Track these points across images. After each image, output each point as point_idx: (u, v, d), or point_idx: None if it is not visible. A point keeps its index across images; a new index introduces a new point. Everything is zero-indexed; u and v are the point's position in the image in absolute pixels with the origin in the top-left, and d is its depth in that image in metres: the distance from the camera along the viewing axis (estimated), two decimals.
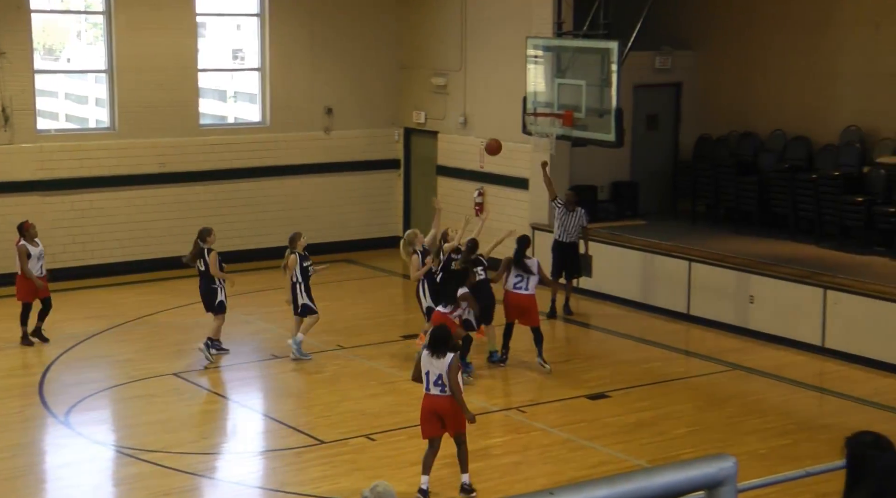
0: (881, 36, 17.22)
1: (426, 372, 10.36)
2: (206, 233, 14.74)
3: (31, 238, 15.00)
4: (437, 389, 10.34)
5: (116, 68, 18.96)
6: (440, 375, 10.29)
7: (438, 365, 10.27)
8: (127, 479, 11.24)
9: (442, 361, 10.25)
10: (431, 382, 10.35)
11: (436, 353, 10.27)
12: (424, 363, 10.38)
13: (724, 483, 3.48)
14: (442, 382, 10.29)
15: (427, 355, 10.34)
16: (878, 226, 16.34)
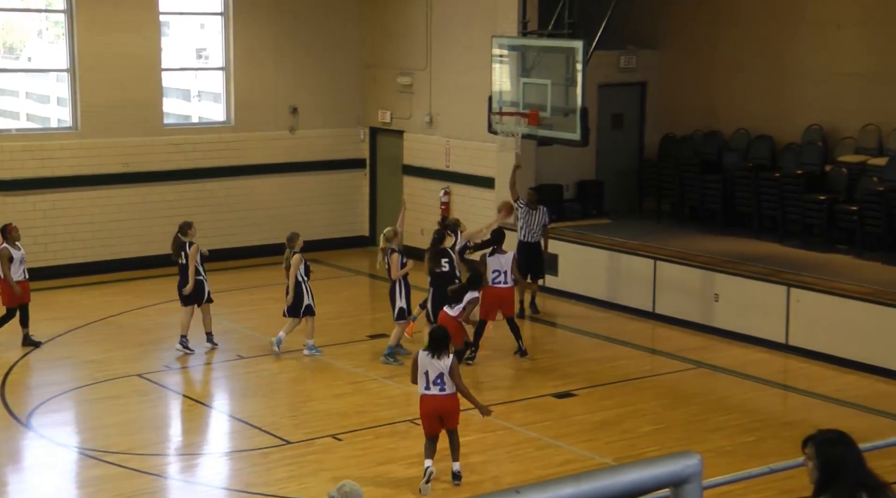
0: (842, 36, 17.36)
1: (425, 372, 10.50)
2: (186, 227, 14.86)
3: (14, 241, 14.82)
4: (436, 388, 10.51)
5: (78, 67, 18.82)
6: (440, 375, 10.47)
7: (439, 365, 10.46)
8: (91, 481, 11.16)
9: (443, 362, 10.46)
10: (431, 382, 10.50)
11: (436, 353, 10.45)
12: (423, 363, 10.51)
13: (689, 480, 3.49)
14: (442, 381, 10.48)
15: (426, 356, 10.50)
16: (839, 224, 16.48)
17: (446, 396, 10.54)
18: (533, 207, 16.45)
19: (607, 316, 16.86)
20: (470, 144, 19.39)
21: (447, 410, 10.58)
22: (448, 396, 10.56)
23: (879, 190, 15.76)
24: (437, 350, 10.48)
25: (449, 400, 10.58)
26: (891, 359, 13.97)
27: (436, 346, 10.51)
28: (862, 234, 16.09)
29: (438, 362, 10.48)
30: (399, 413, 12.70)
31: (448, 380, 10.52)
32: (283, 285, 14.95)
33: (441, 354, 10.47)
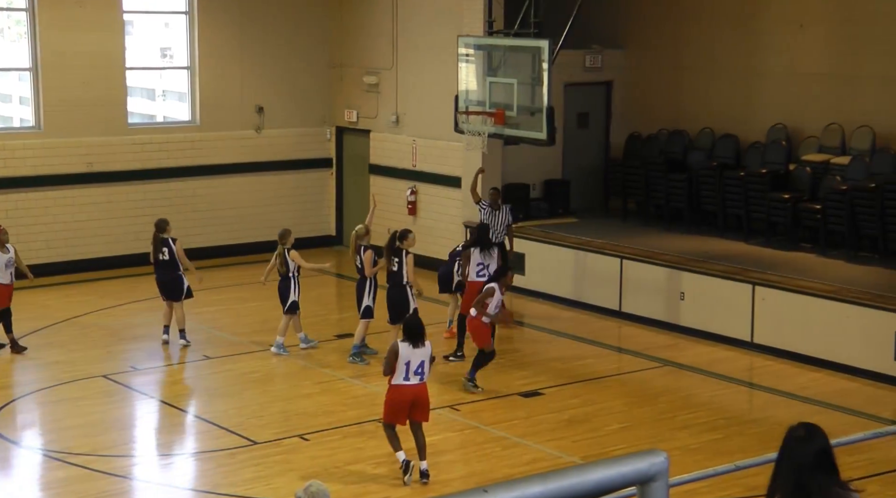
0: (805, 36, 17.48)
1: (406, 362, 10.62)
2: (164, 223, 15.17)
3: (2, 244, 14.66)
4: (416, 377, 10.67)
5: (41, 66, 18.67)
6: (422, 363, 10.65)
7: (420, 353, 10.63)
8: (55, 483, 11.07)
9: (423, 349, 10.66)
10: (412, 372, 10.63)
11: (416, 342, 10.63)
12: (404, 355, 10.62)
13: (655, 478, 3.50)
14: (422, 371, 10.67)
15: (407, 347, 10.63)
16: (804, 222, 16.60)
17: (422, 384, 10.74)
18: (496, 207, 16.35)
19: (574, 315, 16.90)
20: (436, 144, 19.39)
21: (422, 398, 10.74)
22: (423, 385, 10.76)
23: (842, 189, 15.89)
24: (416, 339, 10.65)
25: (424, 389, 10.78)
26: (854, 356, 14.09)
27: (415, 335, 10.66)
28: (826, 233, 16.21)
29: (420, 351, 10.65)
30: (366, 413, 12.67)
31: (427, 368, 10.73)
32: (249, 285, 14.90)
33: (420, 342, 10.66)
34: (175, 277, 15.00)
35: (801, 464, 4.77)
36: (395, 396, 10.74)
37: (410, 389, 10.69)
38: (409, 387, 10.69)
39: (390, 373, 10.73)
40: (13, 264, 14.77)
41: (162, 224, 15.13)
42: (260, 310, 16.61)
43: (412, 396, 10.69)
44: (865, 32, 16.79)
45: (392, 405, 10.78)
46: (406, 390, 10.68)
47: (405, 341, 10.68)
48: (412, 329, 10.76)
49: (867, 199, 15.58)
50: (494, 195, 16.50)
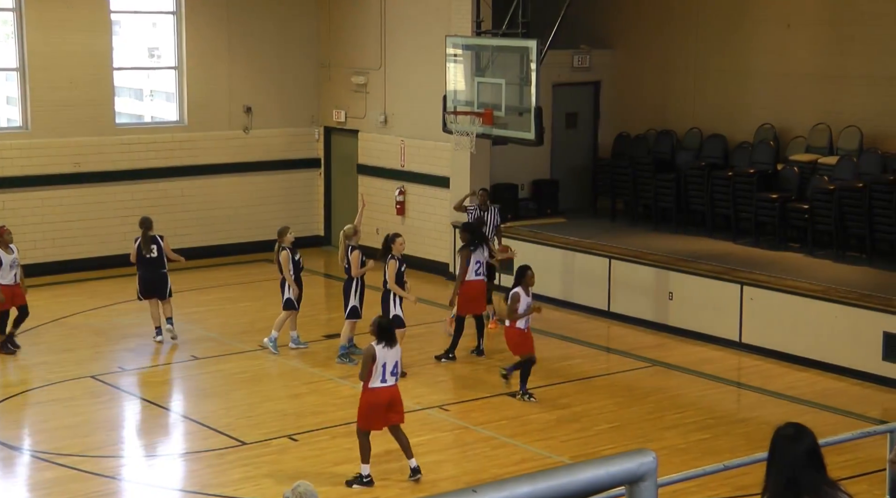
0: (792, 35, 17.53)
1: (383, 364, 10.58)
2: (150, 222, 15.31)
3: (6, 244, 14.61)
4: (392, 378, 10.66)
5: (28, 66, 18.62)
6: (396, 363, 10.65)
7: (394, 353, 10.61)
8: (43, 484, 11.04)
9: (396, 349, 10.64)
10: (388, 373, 10.61)
11: (389, 342, 10.59)
12: (381, 357, 10.57)
13: (644, 478, 3.51)
14: (397, 371, 10.66)
15: (382, 348, 10.57)
16: (791, 222, 16.64)
17: (396, 385, 10.74)
18: (484, 209, 16.28)
19: (562, 315, 16.91)
20: (425, 144, 19.39)
21: (397, 399, 10.74)
22: (397, 386, 10.76)
23: (830, 189, 15.93)
24: (389, 339, 10.61)
25: (398, 389, 10.79)
26: (842, 356, 14.13)
27: (387, 335, 10.62)
28: (813, 233, 16.25)
29: (394, 351, 10.64)
30: (355, 413, 12.62)
31: (400, 368, 10.74)
32: (238, 285, 14.88)
33: (393, 342, 10.64)
34: (162, 275, 15.10)
35: (791, 463, 4.79)
36: (372, 399, 10.66)
37: (388, 391, 10.66)
38: (387, 389, 10.65)
39: (367, 377, 10.65)
40: (17, 265, 14.69)
41: (148, 222, 15.22)
42: (248, 310, 16.60)
43: (389, 397, 10.67)
44: (853, 33, 16.84)
45: (369, 409, 10.68)
46: (383, 393, 10.64)
47: (379, 343, 10.62)
48: (384, 330, 10.68)
49: (855, 199, 15.62)
50: (484, 196, 16.47)
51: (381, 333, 10.66)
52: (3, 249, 14.59)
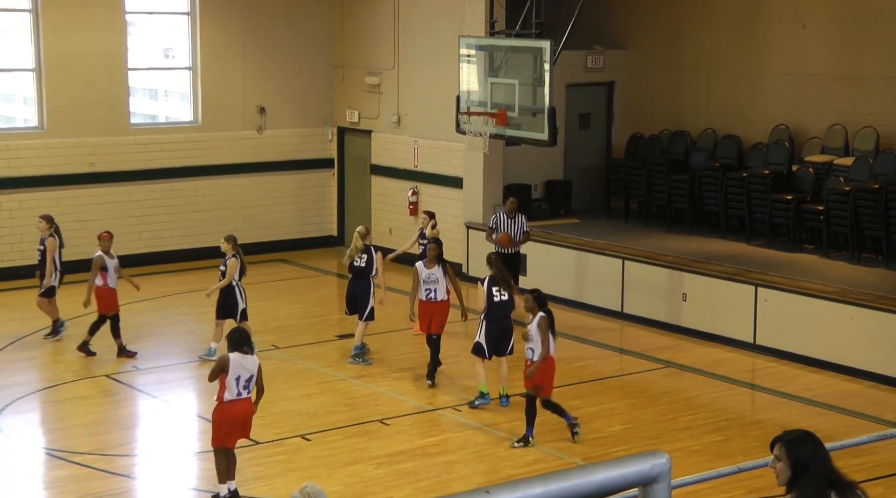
0: (807, 36, 17.48)
1: (237, 377, 10.10)
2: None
3: (107, 249, 14.68)
4: (246, 392, 10.23)
5: (44, 67, 18.69)
6: (250, 377, 10.19)
7: (249, 366, 10.16)
8: (58, 481, 11.08)
9: (252, 360, 10.18)
10: (241, 386, 10.16)
11: (246, 352, 10.16)
12: (235, 367, 10.08)
13: (657, 480, 3.50)
14: (249, 385, 10.21)
15: (238, 358, 10.12)
16: (806, 224, 16.59)
17: (249, 399, 10.26)
18: (511, 216, 15.99)
19: (575, 316, 16.89)
20: (438, 144, 19.40)
21: (251, 415, 10.32)
22: (250, 400, 10.26)
23: (845, 190, 15.88)
24: (249, 349, 10.18)
25: (251, 404, 10.29)
26: (857, 358, 14.08)
27: (245, 344, 10.17)
28: (828, 234, 16.20)
29: (250, 361, 10.18)
30: (367, 413, 12.69)
31: (257, 380, 10.20)
32: (249, 285, 14.85)
33: (249, 351, 10.19)
34: None
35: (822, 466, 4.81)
36: (227, 414, 10.15)
37: (242, 405, 10.16)
38: (241, 402, 10.15)
39: (214, 379, 10.23)
40: (118, 269, 14.77)
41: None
42: (261, 310, 16.60)
43: (244, 412, 10.18)
44: (869, 33, 16.78)
45: (224, 425, 10.18)
46: (239, 406, 10.15)
47: (235, 351, 10.10)
48: (238, 339, 10.17)
49: (870, 200, 15.57)
50: (512, 204, 16.07)
51: (233, 342, 10.16)
52: (105, 254, 14.68)
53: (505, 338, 12.84)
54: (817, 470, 4.81)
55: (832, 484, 4.81)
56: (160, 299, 17.38)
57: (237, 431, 10.29)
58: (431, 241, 14.04)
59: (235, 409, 10.16)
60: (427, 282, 13.58)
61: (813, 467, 4.81)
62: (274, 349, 15.11)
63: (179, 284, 18.22)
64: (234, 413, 10.17)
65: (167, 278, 18.54)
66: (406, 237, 19.79)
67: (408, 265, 14.60)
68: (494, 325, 12.69)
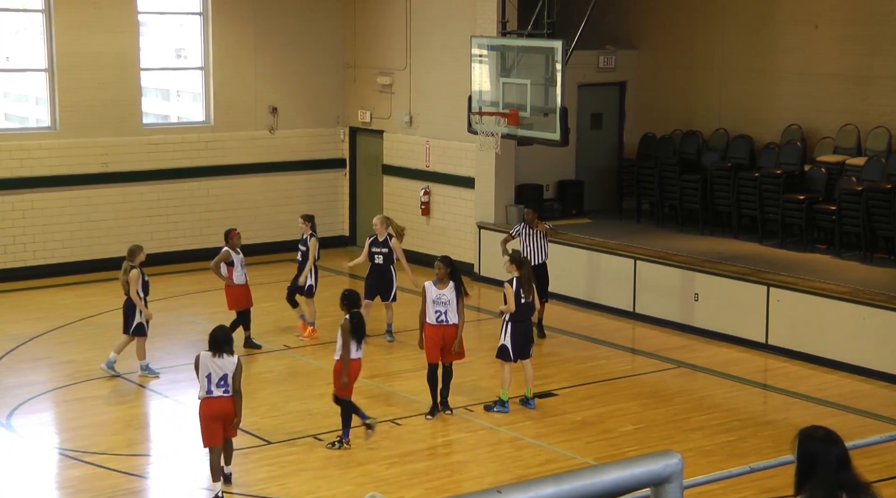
0: (820, 36, 17.44)
1: (208, 374, 10.24)
2: None
3: (234, 246, 14.76)
4: (220, 390, 10.28)
5: (57, 67, 18.74)
6: (224, 376, 10.26)
7: (222, 365, 10.25)
8: (70, 481, 11.11)
9: (224, 361, 10.26)
10: (214, 384, 10.25)
11: (218, 353, 10.27)
12: (205, 366, 10.23)
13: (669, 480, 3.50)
14: (225, 383, 10.27)
15: (209, 357, 10.26)
16: (818, 224, 16.55)
17: (228, 397, 10.31)
18: (534, 226, 15.35)
19: (587, 316, 16.89)
20: (450, 144, 19.40)
21: (228, 413, 10.35)
22: (229, 398, 10.32)
23: (858, 190, 15.84)
24: (219, 351, 10.28)
25: (230, 403, 10.34)
26: (870, 358, 14.05)
27: (218, 346, 10.29)
28: (840, 234, 16.16)
29: (221, 362, 10.26)
30: (380, 413, 12.68)
31: (231, 381, 10.28)
32: (262, 285, 14.89)
33: (220, 352, 10.27)
34: None
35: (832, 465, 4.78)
36: (202, 411, 10.35)
37: (216, 403, 10.27)
38: (214, 400, 10.26)
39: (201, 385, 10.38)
40: (244, 265, 14.86)
41: None
42: (272, 310, 16.63)
43: (218, 409, 10.28)
44: (881, 33, 16.74)
45: (202, 422, 10.38)
46: (212, 404, 10.28)
47: (208, 351, 10.29)
48: (216, 339, 10.33)
49: (883, 200, 15.53)
50: (530, 214, 15.47)
51: (210, 343, 10.34)
52: (232, 250, 14.75)
53: (529, 340, 12.83)
54: (826, 469, 4.78)
55: (842, 485, 4.78)
56: (172, 299, 17.41)
57: (214, 429, 10.36)
58: (440, 260, 12.65)
59: (209, 406, 10.32)
60: (437, 303, 12.42)
61: (819, 466, 4.78)
62: (286, 349, 15.13)
63: (191, 284, 18.25)
64: (207, 410, 10.34)
65: (179, 278, 18.58)
66: (418, 237, 19.84)
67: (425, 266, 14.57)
68: (519, 326, 12.66)
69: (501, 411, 12.73)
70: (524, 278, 12.68)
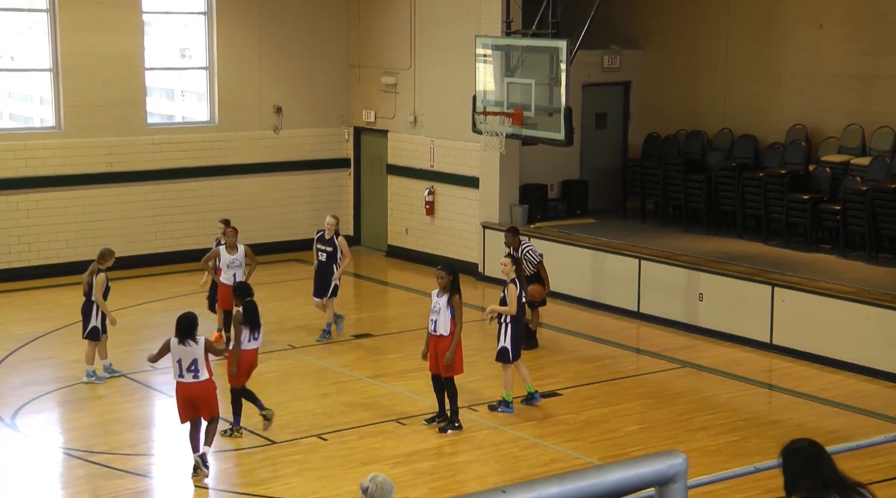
0: (825, 35, 17.42)
1: (178, 359, 10.61)
2: None
3: (232, 245, 14.73)
4: (190, 375, 10.63)
5: (61, 67, 18.76)
6: (194, 360, 10.56)
7: (190, 351, 10.56)
8: (75, 481, 11.12)
9: (191, 348, 10.55)
10: (184, 369, 10.61)
11: (182, 339, 10.57)
12: (174, 351, 10.62)
13: (674, 480, 3.50)
14: (195, 368, 10.59)
15: (175, 343, 10.62)
16: (823, 223, 16.54)
17: (199, 382, 10.69)
18: (515, 248, 14.53)
19: (592, 315, 16.88)
20: (454, 144, 19.40)
21: (201, 396, 10.73)
22: (200, 383, 10.69)
23: (863, 190, 15.82)
24: (185, 337, 10.57)
25: (202, 387, 10.72)
26: (874, 358, 14.03)
27: (184, 332, 10.60)
28: (845, 234, 16.14)
29: (189, 349, 10.55)
30: (384, 412, 12.70)
31: (202, 366, 10.59)
32: (266, 284, 14.86)
33: (186, 339, 10.56)
34: None
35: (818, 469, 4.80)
36: (177, 393, 10.86)
37: (186, 387, 10.71)
38: (184, 385, 10.71)
39: (156, 361, 11.12)
40: (239, 266, 14.73)
41: None
42: (277, 310, 16.64)
43: (189, 393, 10.71)
44: (886, 33, 16.72)
45: (177, 402, 10.89)
46: (182, 388, 10.73)
47: (175, 337, 10.68)
48: (182, 325, 10.69)
49: (887, 200, 15.51)
50: (507, 238, 14.75)
51: (177, 329, 10.69)
52: (228, 249, 14.71)
53: (522, 340, 12.92)
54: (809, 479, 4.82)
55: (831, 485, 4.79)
56: (176, 299, 17.41)
57: (186, 411, 10.82)
58: (441, 269, 12.12)
59: (181, 389, 10.75)
60: (432, 311, 12.01)
61: (801, 481, 4.82)
62: (290, 349, 15.14)
63: (195, 284, 18.24)
64: (180, 393, 10.78)
65: (183, 278, 18.57)
66: (422, 237, 19.86)
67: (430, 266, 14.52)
68: (518, 328, 12.71)
69: (506, 411, 12.73)
70: (523, 278, 12.76)
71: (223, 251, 14.78)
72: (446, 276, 11.95)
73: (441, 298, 11.97)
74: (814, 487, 4.78)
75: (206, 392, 10.78)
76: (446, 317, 11.89)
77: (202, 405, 10.79)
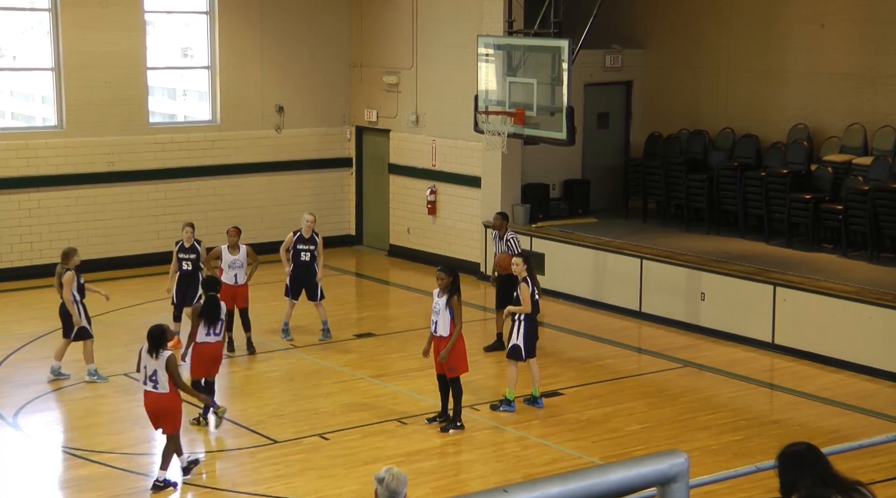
0: (826, 35, 17.42)
1: (144, 367, 10.71)
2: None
3: (234, 245, 14.72)
4: (150, 384, 10.65)
5: (63, 66, 18.77)
6: (154, 372, 10.58)
7: (154, 363, 10.58)
8: (77, 480, 11.13)
9: (156, 361, 10.57)
10: (147, 378, 10.68)
11: (150, 351, 10.60)
12: (143, 359, 10.73)
13: (676, 479, 3.50)
14: (155, 380, 10.59)
15: (145, 351, 10.71)
16: (825, 223, 16.53)
17: (159, 394, 10.63)
18: (501, 234, 14.96)
19: (593, 315, 16.88)
20: (456, 143, 19.40)
21: (159, 408, 10.68)
22: (161, 395, 10.61)
23: (864, 189, 15.82)
24: (153, 348, 10.59)
25: (161, 399, 10.63)
26: (876, 357, 14.03)
27: (151, 342, 10.63)
28: (847, 234, 16.14)
29: (154, 360, 10.59)
30: (386, 412, 12.70)
31: (163, 378, 10.56)
32: (268, 284, 14.88)
33: (155, 351, 10.59)
34: None
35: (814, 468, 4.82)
36: (144, 400, 10.90)
37: (147, 396, 10.77)
38: (147, 393, 10.75)
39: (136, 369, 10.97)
40: (240, 266, 14.74)
41: None
42: (279, 309, 16.63)
43: (149, 403, 10.74)
44: (888, 32, 16.71)
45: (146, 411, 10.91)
46: (146, 396, 10.79)
47: (146, 345, 10.69)
48: (151, 336, 10.68)
49: (889, 199, 15.51)
50: (496, 220, 15.18)
51: (148, 339, 10.69)
52: (230, 249, 14.70)
53: (536, 338, 12.85)
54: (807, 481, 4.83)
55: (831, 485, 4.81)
56: None
57: (151, 419, 10.83)
58: (441, 270, 12.09)
59: (144, 397, 10.83)
60: (433, 311, 12.08)
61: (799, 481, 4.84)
62: (292, 348, 15.14)
63: None
64: (144, 401, 10.85)
65: None
66: (424, 236, 19.86)
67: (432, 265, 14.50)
68: (531, 325, 12.67)
69: (507, 411, 12.73)
70: (534, 276, 12.71)
71: (225, 251, 14.78)
72: (446, 276, 11.95)
73: (441, 299, 11.99)
74: (813, 486, 4.79)
75: (164, 405, 10.64)
76: (446, 318, 11.93)
77: (160, 418, 10.73)
